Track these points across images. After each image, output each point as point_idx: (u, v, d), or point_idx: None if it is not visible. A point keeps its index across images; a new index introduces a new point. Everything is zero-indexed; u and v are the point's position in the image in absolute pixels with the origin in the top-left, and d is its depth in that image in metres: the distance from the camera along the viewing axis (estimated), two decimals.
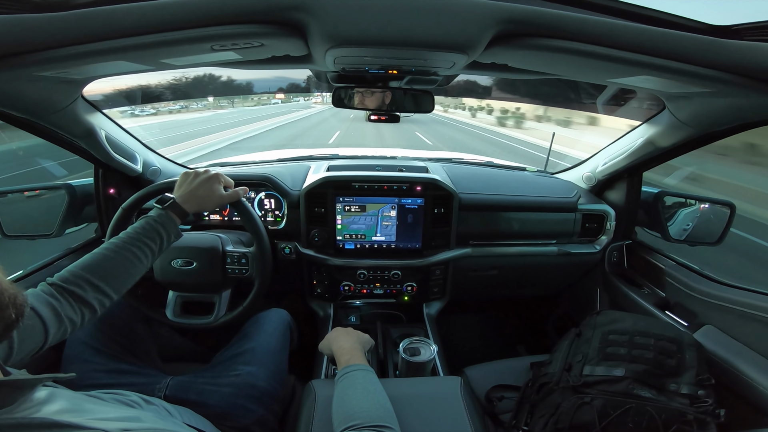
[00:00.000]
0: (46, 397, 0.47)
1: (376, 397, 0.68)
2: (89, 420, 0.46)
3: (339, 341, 0.88)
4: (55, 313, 0.64)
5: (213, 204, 0.92)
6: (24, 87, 0.78)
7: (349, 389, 0.70)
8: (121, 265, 0.75)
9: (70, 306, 0.67)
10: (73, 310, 0.67)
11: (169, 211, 0.85)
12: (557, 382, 0.90)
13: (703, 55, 0.66)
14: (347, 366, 0.77)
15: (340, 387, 0.72)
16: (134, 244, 0.78)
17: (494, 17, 0.60)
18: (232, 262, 1.07)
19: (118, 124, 1.23)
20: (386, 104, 1.16)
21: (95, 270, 0.72)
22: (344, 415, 0.64)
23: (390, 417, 0.64)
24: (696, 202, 1.29)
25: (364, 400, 0.67)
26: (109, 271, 0.73)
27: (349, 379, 0.73)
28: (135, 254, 0.77)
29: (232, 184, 0.97)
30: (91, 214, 1.29)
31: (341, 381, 0.73)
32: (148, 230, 0.81)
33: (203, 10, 0.58)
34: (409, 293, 1.40)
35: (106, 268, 0.73)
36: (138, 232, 0.80)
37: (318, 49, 0.75)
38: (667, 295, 1.23)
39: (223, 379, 0.90)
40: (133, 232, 0.80)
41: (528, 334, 1.88)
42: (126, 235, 0.79)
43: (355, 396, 0.68)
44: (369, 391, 0.70)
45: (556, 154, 1.64)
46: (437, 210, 1.31)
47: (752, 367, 0.88)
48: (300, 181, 1.35)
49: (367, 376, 0.74)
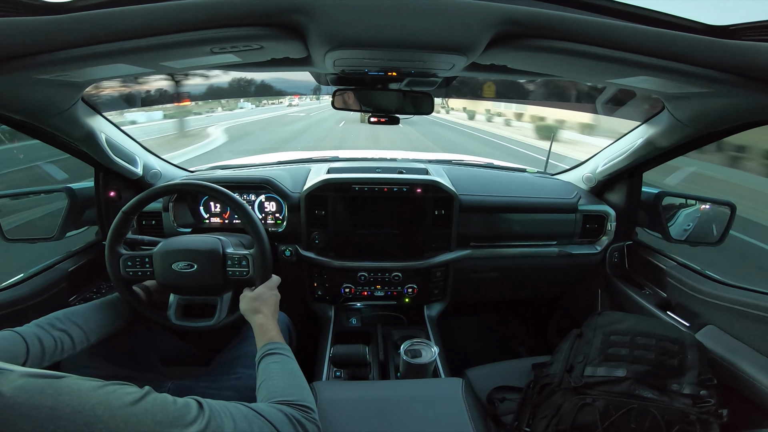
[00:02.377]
0: None
1: (295, 377, 0.72)
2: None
3: (255, 317, 0.88)
4: (38, 337, 0.73)
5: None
6: (24, 90, 0.79)
7: (273, 366, 0.73)
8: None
9: (51, 336, 0.75)
10: (53, 339, 0.75)
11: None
12: (559, 383, 0.90)
13: (702, 55, 0.66)
14: (268, 343, 0.78)
15: (264, 363, 0.73)
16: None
17: (493, 19, 0.60)
18: (233, 264, 1.07)
19: (118, 127, 1.24)
20: (385, 106, 1.17)
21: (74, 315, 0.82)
22: (270, 390, 0.66)
23: (309, 397, 0.67)
24: (696, 203, 1.29)
25: (287, 378, 0.70)
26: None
27: (268, 361, 0.74)
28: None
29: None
30: (91, 218, 1.30)
31: (264, 357, 0.75)
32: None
33: (203, 13, 0.59)
34: (409, 295, 1.40)
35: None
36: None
37: (317, 52, 0.75)
38: (668, 295, 1.23)
39: (224, 382, 0.90)
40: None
41: (529, 335, 1.88)
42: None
43: (280, 374, 0.71)
44: (288, 371, 0.73)
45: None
46: (438, 212, 1.31)
47: (754, 367, 0.88)
48: (300, 183, 1.35)
49: (288, 358, 0.76)
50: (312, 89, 34.43)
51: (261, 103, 31.02)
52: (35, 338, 0.72)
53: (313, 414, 0.63)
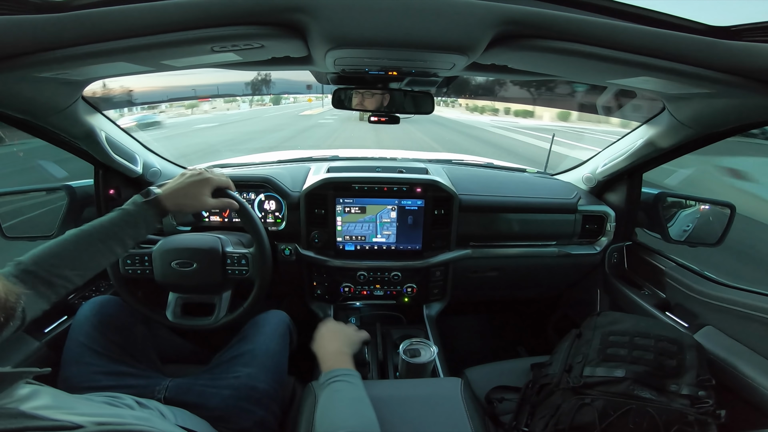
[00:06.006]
0: (28, 394, 0.46)
1: (358, 407, 0.67)
2: (61, 414, 0.45)
3: (324, 346, 0.87)
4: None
5: (192, 207, 0.89)
6: (24, 88, 0.78)
7: (333, 396, 0.69)
8: (92, 257, 0.74)
9: (36, 293, 0.66)
10: (38, 295, 0.67)
11: (149, 206, 0.82)
12: (557, 383, 0.90)
13: (703, 56, 0.66)
14: (330, 371, 0.76)
15: (324, 395, 0.70)
16: (108, 236, 0.75)
17: (494, 18, 0.60)
18: (232, 263, 1.07)
19: (118, 126, 1.23)
20: (386, 106, 1.17)
21: (66, 258, 0.71)
22: (328, 425, 0.63)
23: (373, 426, 0.64)
24: (696, 203, 1.29)
25: (347, 408, 0.66)
26: (79, 260, 0.72)
27: (334, 387, 0.72)
28: (108, 247, 0.75)
29: (230, 185, 0.97)
30: (91, 216, 1.29)
31: (325, 388, 0.72)
32: (123, 223, 0.78)
33: (204, 12, 0.59)
34: (409, 294, 1.40)
35: (78, 257, 0.72)
36: (114, 223, 0.77)
37: (318, 51, 0.75)
38: (667, 296, 1.23)
39: (222, 381, 0.90)
40: (108, 223, 0.77)
41: (528, 335, 1.88)
42: (100, 225, 0.76)
43: (339, 405, 0.67)
44: (352, 400, 0.69)
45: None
46: (437, 211, 1.31)
47: (753, 367, 0.88)
48: (300, 182, 1.35)
49: (351, 385, 0.73)
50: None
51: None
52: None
53: None
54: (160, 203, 0.84)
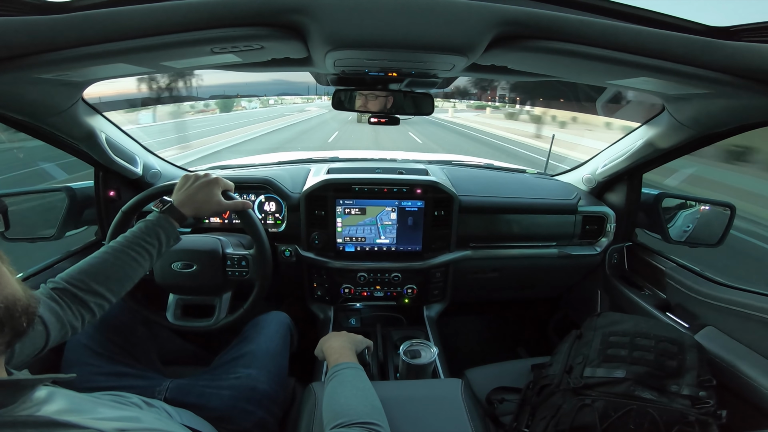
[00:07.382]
0: (45, 397, 0.47)
1: (364, 395, 0.69)
2: (86, 419, 0.46)
3: (329, 342, 0.89)
4: (57, 317, 0.65)
5: (211, 210, 0.91)
6: (24, 89, 0.79)
7: (338, 387, 0.71)
8: (121, 269, 0.75)
9: (71, 310, 0.67)
10: (74, 315, 0.68)
11: (167, 215, 0.84)
12: (558, 384, 0.90)
13: (702, 57, 0.66)
14: (336, 365, 0.78)
15: (329, 386, 0.72)
16: (133, 248, 0.77)
17: (493, 19, 0.60)
18: (233, 264, 1.07)
19: (118, 127, 1.23)
20: (386, 107, 1.17)
21: (95, 274, 0.72)
22: (333, 413, 0.65)
23: (378, 414, 0.65)
24: (696, 204, 1.29)
25: (353, 397, 0.68)
26: (108, 275, 0.73)
27: (339, 378, 0.74)
28: (134, 258, 0.77)
29: (233, 187, 0.97)
30: (91, 217, 1.29)
31: (331, 380, 0.74)
32: (146, 233, 0.80)
33: (204, 13, 0.59)
34: (409, 296, 1.39)
35: (106, 272, 0.73)
36: (136, 236, 0.79)
37: (318, 52, 0.75)
38: (667, 296, 1.23)
39: (223, 381, 0.89)
40: (131, 236, 0.79)
41: (528, 336, 1.88)
42: (124, 239, 0.78)
43: (344, 394, 0.69)
44: (357, 389, 0.70)
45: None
46: (437, 212, 1.31)
47: (753, 368, 0.88)
48: (300, 183, 1.35)
49: (356, 374, 0.75)
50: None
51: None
52: (52, 316, 0.64)
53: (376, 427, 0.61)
54: (177, 210, 0.85)
